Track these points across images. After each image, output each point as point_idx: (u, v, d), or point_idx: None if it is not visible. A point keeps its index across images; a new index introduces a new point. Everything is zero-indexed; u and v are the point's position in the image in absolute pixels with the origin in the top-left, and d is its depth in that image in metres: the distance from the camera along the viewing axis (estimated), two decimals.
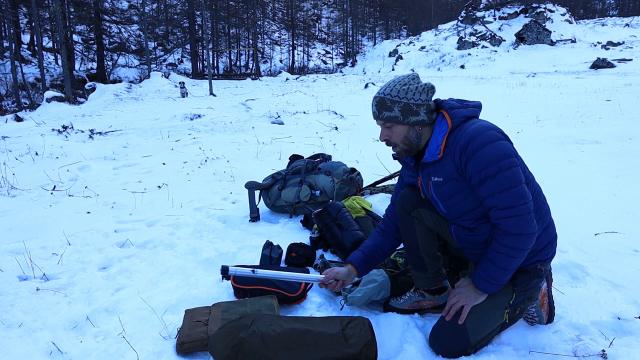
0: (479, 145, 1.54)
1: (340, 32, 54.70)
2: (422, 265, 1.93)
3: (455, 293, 1.73)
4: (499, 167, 1.52)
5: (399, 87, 1.65)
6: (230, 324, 1.66)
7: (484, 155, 1.53)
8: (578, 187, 3.65)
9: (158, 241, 2.83)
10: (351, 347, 1.58)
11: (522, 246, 1.56)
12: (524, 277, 1.68)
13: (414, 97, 1.64)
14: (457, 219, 1.75)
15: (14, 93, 19.60)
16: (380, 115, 1.69)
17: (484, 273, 1.63)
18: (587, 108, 7.80)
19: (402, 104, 1.64)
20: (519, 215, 1.53)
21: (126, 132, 7.30)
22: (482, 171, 1.54)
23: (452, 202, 1.70)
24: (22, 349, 1.77)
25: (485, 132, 1.57)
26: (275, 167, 4.48)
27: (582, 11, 48.18)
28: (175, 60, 37.86)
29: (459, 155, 1.59)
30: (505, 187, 1.53)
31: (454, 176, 1.64)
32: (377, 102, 1.69)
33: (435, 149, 1.66)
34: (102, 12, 28.23)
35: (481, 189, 1.57)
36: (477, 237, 1.69)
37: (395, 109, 1.65)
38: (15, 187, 3.98)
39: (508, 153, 1.55)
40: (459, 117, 1.65)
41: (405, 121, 1.66)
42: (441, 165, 1.67)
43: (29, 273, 2.38)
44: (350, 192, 3.26)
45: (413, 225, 1.91)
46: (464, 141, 1.57)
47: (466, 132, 1.59)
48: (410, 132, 1.69)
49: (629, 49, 23.05)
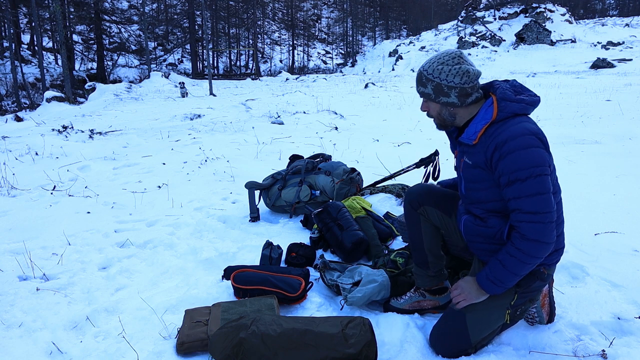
0: (515, 147, 1.53)
1: (340, 32, 54.69)
2: (425, 262, 1.95)
3: (457, 286, 1.73)
4: (531, 173, 1.51)
5: (436, 65, 1.66)
6: (230, 324, 1.66)
7: (517, 158, 1.52)
8: (578, 187, 3.65)
9: (158, 241, 2.83)
10: (351, 347, 1.58)
11: (537, 254, 1.55)
12: (527, 279, 1.67)
13: (447, 79, 1.64)
14: (471, 204, 1.75)
15: (14, 93, 19.60)
16: (417, 89, 1.74)
17: (491, 274, 1.61)
18: (587, 108, 7.80)
19: (435, 83, 1.66)
20: (541, 222, 1.52)
21: (126, 132, 7.30)
22: (512, 173, 1.53)
23: (474, 186, 1.71)
24: (22, 349, 1.77)
25: (524, 135, 1.54)
26: (275, 167, 4.48)
27: (582, 11, 48.15)
28: (175, 60, 37.84)
29: (493, 150, 1.58)
30: (533, 192, 1.52)
31: (481, 165, 1.65)
32: (417, 76, 1.73)
33: (473, 134, 1.65)
34: (102, 12, 28.22)
35: (508, 189, 1.56)
36: (487, 229, 1.69)
37: (429, 87, 1.68)
38: (15, 187, 3.98)
39: (541, 162, 1.53)
40: (507, 111, 1.61)
41: (436, 100, 1.69)
42: (474, 151, 1.67)
43: (29, 273, 2.38)
44: (350, 192, 3.26)
45: (419, 221, 1.94)
46: (502, 139, 1.56)
47: (507, 130, 1.56)
48: (442, 110, 1.72)
49: (629, 49, 23.02)
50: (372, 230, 2.69)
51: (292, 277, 2.13)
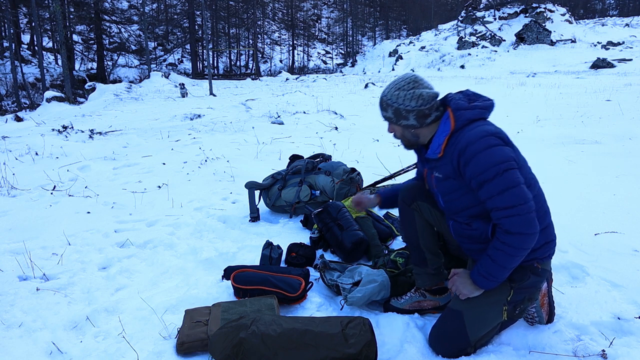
0: (476, 150, 1.59)
1: (340, 32, 54.69)
2: (423, 260, 1.96)
3: (453, 281, 1.74)
4: (496, 171, 1.56)
5: (393, 90, 1.74)
6: (230, 324, 1.66)
7: (480, 160, 1.58)
8: (578, 187, 3.65)
9: (158, 241, 2.83)
10: (351, 347, 1.58)
11: (523, 245, 1.57)
12: (520, 273, 1.69)
13: (404, 103, 1.71)
14: (454, 215, 1.79)
15: (14, 93, 19.60)
16: (381, 114, 1.82)
17: (482, 269, 1.65)
18: (587, 108, 7.80)
19: (394, 107, 1.74)
20: (519, 214, 1.55)
21: (126, 132, 7.30)
22: (479, 175, 1.59)
23: (450, 198, 1.76)
24: (22, 349, 1.77)
25: (483, 137, 1.60)
26: (275, 167, 4.48)
27: (582, 11, 48.14)
28: (175, 60, 37.84)
29: (457, 158, 1.64)
30: (503, 188, 1.56)
31: (451, 175, 1.70)
32: (379, 102, 1.81)
33: (437, 147, 1.72)
34: (102, 12, 28.22)
35: (481, 191, 1.61)
36: (472, 231, 1.73)
37: (389, 111, 1.76)
38: (15, 187, 3.98)
39: (505, 158, 1.58)
40: (462, 119, 1.68)
41: (397, 123, 1.77)
42: (441, 164, 1.73)
43: (29, 273, 2.38)
44: (350, 192, 3.26)
45: (413, 217, 1.96)
46: (463, 145, 1.62)
47: (465, 137, 1.63)
48: (405, 132, 1.80)
49: (629, 49, 23.02)
50: (372, 230, 2.69)
51: (292, 277, 2.13)
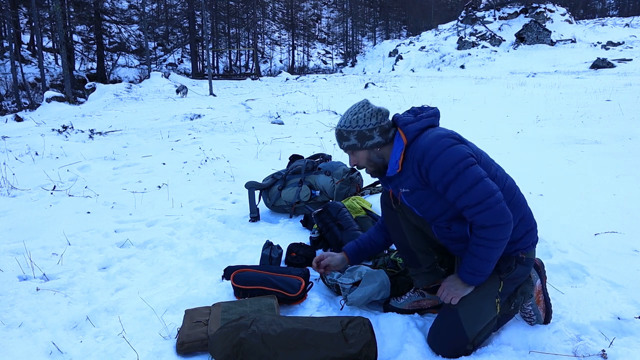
0: (433, 155, 1.63)
1: (340, 32, 54.68)
2: (415, 260, 1.97)
3: (444, 287, 1.77)
4: (457, 170, 1.60)
5: (351, 117, 1.78)
6: (230, 324, 1.66)
7: (439, 163, 1.62)
8: (578, 187, 3.65)
9: (158, 241, 2.83)
10: (351, 347, 1.58)
11: (500, 236, 1.61)
12: (505, 264, 1.73)
13: (365, 124, 1.76)
14: (433, 221, 1.82)
15: (14, 93, 19.59)
16: (341, 146, 1.84)
17: (467, 266, 1.69)
18: (587, 108, 7.80)
19: (356, 132, 1.77)
20: (490, 207, 1.59)
21: (126, 132, 7.30)
22: (442, 178, 1.62)
23: (424, 208, 1.79)
24: (22, 349, 1.77)
25: (437, 141, 1.65)
26: (275, 167, 4.48)
27: (582, 11, 48.14)
28: (175, 60, 37.84)
29: (417, 168, 1.69)
30: (468, 186, 1.59)
31: (417, 186, 1.74)
32: (336, 135, 1.84)
33: (395, 164, 1.77)
34: (102, 12, 28.21)
35: (448, 194, 1.65)
36: (454, 233, 1.77)
37: (352, 138, 1.78)
38: (15, 187, 3.98)
39: (462, 156, 1.63)
40: (412, 131, 1.74)
41: (363, 146, 1.79)
42: (404, 178, 1.77)
43: (29, 273, 2.38)
44: (350, 192, 3.26)
45: (398, 220, 1.97)
46: (419, 154, 1.67)
47: (420, 146, 1.69)
48: (371, 154, 1.82)
49: (629, 49, 23.01)
50: None
51: (292, 277, 2.13)
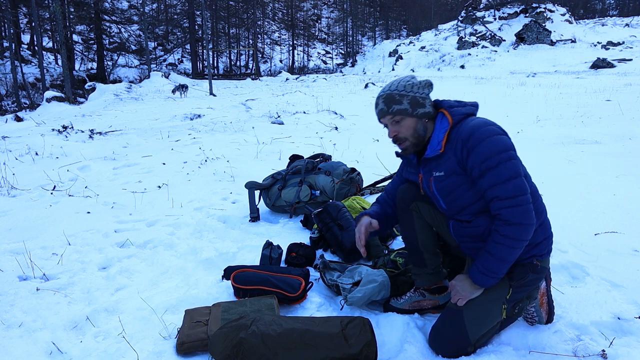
0: (479, 138, 1.60)
1: (340, 32, 54.68)
2: (422, 260, 1.95)
3: (452, 287, 1.74)
4: (500, 159, 1.57)
5: (404, 83, 1.75)
6: (230, 324, 1.66)
7: (484, 148, 1.59)
8: (578, 187, 3.65)
9: (158, 241, 2.83)
10: (351, 347, 1.58)
11: (521, 237, 1.58)
12: (519, 271, 1.70)
13: (419, 91, 1.75)
14: (456, 214, 1.78)
15: (14, 93, 19.59)
16: (390, 110, 1.75)
17: (481, 266, 1.64)
18: (587, 108, 7.80)
19: (410, 97, 1.73)
20: (520, 205, 1.56)
21: (126, 132, 7.30)
22: (482, 163, 1.59)
23: (453, 197, 1.74)
24: (22, 349, 1.77)
25: (485, 126, 1.63)
26: (275, 167, 4.48)
27: (582, 11, 48.14)
28: (175, 60, 37.84)
29: (461, 149, 1.64)
30: (506, 177, 1.57)
31: (455, 170, 1.69)
32: (385, 99, 1.76)
33: (437, 144, 1.72)
34: (102, 12, 28.22)
35: (482, 180, 1.61)
36: (474, 229, 1.72)
37: (404, 102, 1.73)
38: (15, 187, 3.98)
39: (508, 146, 1.61)
40: (458, 114, 1.72)
41: (414, 113, 1.73)
42: (443, 160, 1.72)
43: (29, 273, 2.38)
44: (350, 192, 3.26)
45: (412, 218, 1.94)
46: (466, 135, 1.63)
47: (467, 127, 1.65)
48: (418, 124, 1.75)
49: (629, 49, 23.01)
50: None
51: (292, 277, 2.13)
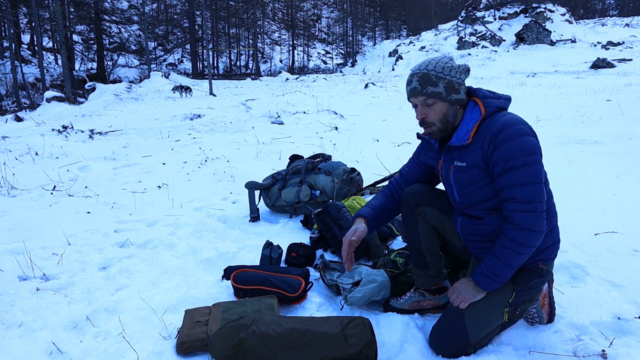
0: (509, 136, 1.55)
1: (340, 32, 54.68)
2: (424, 263, 1.94)
3: (454, 289, 1.72)
4: (525, 161, 1.54)
5: (442, 64, 1.66)
6: (230, 324, 1.66)
7: (512, 146, 1.55)
8: (578, 187, 3.65)
9: (158, 241, 2.83)
10: (351, 347, 1.58)
11: (529, 243, 1.56)
12: (525, 276, 1.68)
13: (457, 76, 1.66)
14: (468, 209, 1.74)
15: (14, 93, 19.60)
16: (424, 91, 1.66)
17: (486, 269, 1.62)
18: (587, 108, 7.80)
19: (447, 80, 1.65)
20: (534, 211, 1.54)
21: (126, 132, 7.30)
22: (507, 161, 1.55)
23: (469, 190, 1.70)
24: (22, 349, 1.77)
25: (517, 125, 1.58)
26: (275, 167, 4.48)
27: (582, 11, 48.15)
28: (175, 60, 37.84)
29: (489, 142, 1.60)
30: (526, 181, 1.54)
31: (478, 163, 1.65)
32: (420, 78, 1.66)
33: (465, 134, 1.66)
34: (102, 12, 28.23)
35: (502, 179, 1.57)
36: (484, 227, 1.69)
37: (440, 85, 1.64)
38: (15, 187, 3.98)
39: (536, 150, 1.57)
40: (492, 106, 1.65)
41: (447, 98, 1.65)
42: (468, 151, 1.67)
43: (29, 273, 2.38)
44: (350, 192, 3.26)
45: (416, 222, 1.92)
46: (496, 129, 1.58)
47: (499, 121, 1.60)
48: (449, 110, 1.68)
49: (629, 49, 23.01)
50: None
51: (292, 277, 2.13)
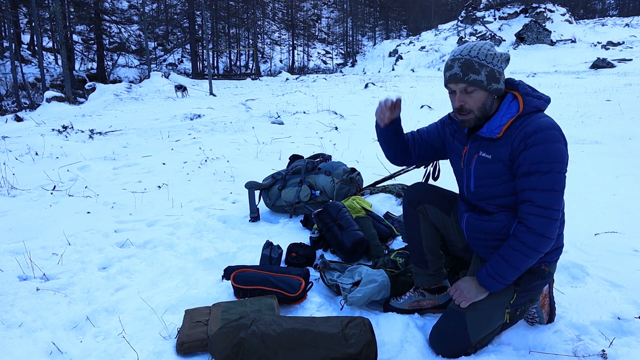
0: (543, 139, 1.53)
1: (340, 32, 54.70)
2: (424, 261, 1.94)
3: (456, 287, 1.71)
4: (552, 167, 1.52)
5: (485, 50, 1.60)
6: (230, 324, 1.66)
7: (543, 150, 1.52)
8: (578, 187, 3.65)
9: (158, 241, 2.83)
10: (351, 347, 1.58)
11: (539, 248, 1.56)
12: (528, 278, 1.68)
13: (499, 65, 1.62)
14: (481, 201, 1.73)
15: (14, 93, 19.61)
16: (465, 78, 1.59)
17: (492, 269, 1.61)
18: (587, 108, 7.80)
19: (489, 68, 1.59)
20: (549, 218, 1.53)
21: (126, 132, 7.30)
22: (534, 164, 1.53)
23: (486, 182, 1.68)
24: (22, 349, 1.77)
25: (552, 130, 1.55)
26: (275, 167, 4.48)
27: (582, 11, 48.18)
28: (175, 60, 37.85)
29: (520, 141, 1.56)
30: (549, 187, 1.52)
31: (503, 159, 1.62)
32: (462, 64, 1.59)
33: (497, 127, 1.62)
34: (102, 12, 28.23)
35: (525, 180, 1.55)
36: (493, 223, 1.68)
37: (482, 73, 1.59)
38: (15, 187, 3.98)
39: (563, 159, 1.54)
40: (531, 105, 1.61)
41: (488, 87, 1.61)
42: (496, 145, 1.64)
43: (29, 273, 2.38)
44: (350, 192, 3.26)
45: (417, 219, 1.93)
46: (531, 130, 1.54)
47: (535, 122, 1.56)
48: (488, 99, 1.64)
49: (629, 49, 23.03)
50: (372, 230, 2.69)
51: (292, 277, 2.13)
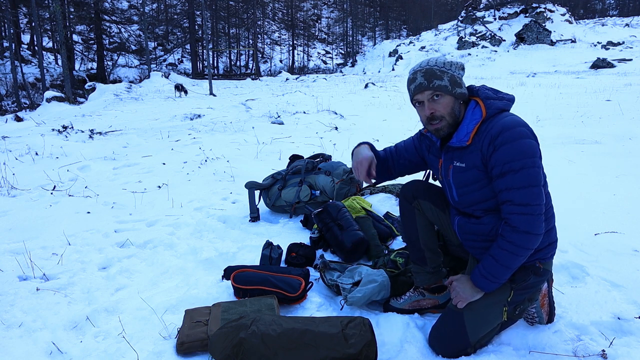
0: (509, 138, 1.56)
1: (340, 32, 54.69)
2: (422, 258, 1.95)
3: (453, 287, 1.73)
4: (524, 164, 1.54)
5: (442, 60, 1.69)
6: (230, 324, 1.66)
7: (511, 148, 1.55)
8: (578, 187, 3.65)
9: (158, 241, 2.83)
10: (351, 347, 1.58)
11: (527, 245, 1.57)
12: (521, 274, 1.68)
13: (457, 72, 1.70)
14: (466, 208, 1.75)
15: (14, 93, 19.60)
16: (431, 85, 1.66)
17: (484, 270, 1.63)
18: (587, 108, 7.80)
19: (450, 74, 1.67)
20: (531, 214, 1.54)
21: (126, 132, 7.30)
22: (505, 164, 1.56)
23: (467, 190, 1.71)
24: (22, 349, 1.77)
25: (517, 127, 1.59)
26: (275, 167, 4.48)
27: (582, 11, 48.17)
28: (175, 60, 37.84)
29: (488, 144, 1.60)
30: (524, 184, 1.54)
31: (477, 165, 1.66)
32: (424, 73, 1.67)
33: (465, 135, 1.67)
34: (102, 12, 28.23)
35: (500, 181, 1.58)
36: (482, 226, 1.70)
37: (445, 79, 1.66)
38: (15, 187, 3.98)
39: (534, 152, 1.57)
40: (494, 108, 1.66)
41: (453, 91, 1.67)
42: (467, 152, 1.68)
43: (29, 273, 2.38)
44: (350, 192, 3.26)
45: (414, 215, 1.95)
46: (496, 131, 1.58)
47: (499, 123, 1.60)
48: (455, 104, 1.69)
49: (629, 49, 23.01)
50: (372, 230, 2.69)
51: (292, 277, 2.13)
